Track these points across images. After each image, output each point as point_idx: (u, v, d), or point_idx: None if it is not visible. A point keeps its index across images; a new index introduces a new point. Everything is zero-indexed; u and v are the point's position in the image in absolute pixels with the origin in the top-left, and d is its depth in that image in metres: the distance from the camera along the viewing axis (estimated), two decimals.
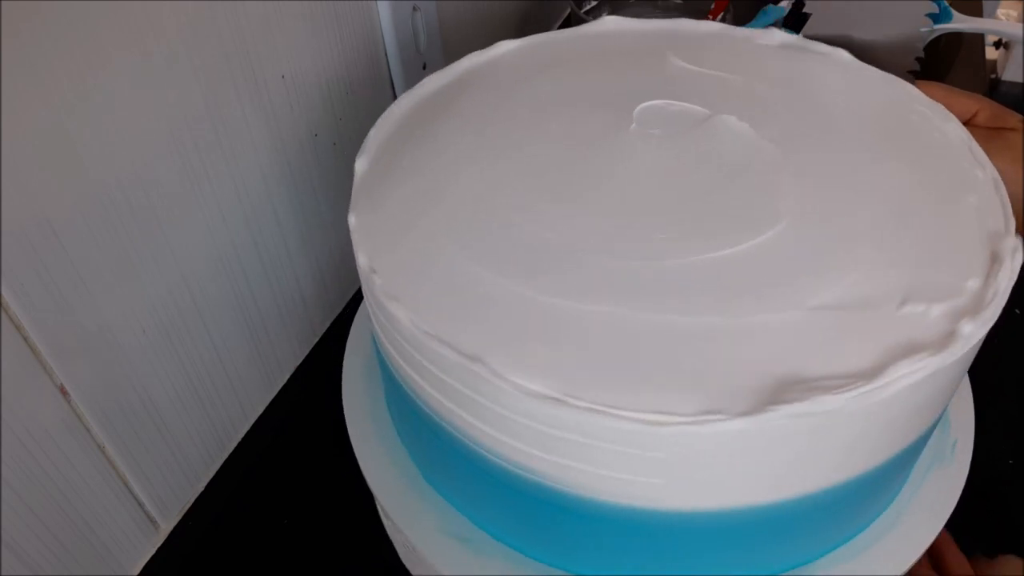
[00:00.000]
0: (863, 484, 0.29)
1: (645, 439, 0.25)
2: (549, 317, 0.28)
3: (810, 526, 0.30)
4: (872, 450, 0.28)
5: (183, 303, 0.39)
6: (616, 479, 0.27)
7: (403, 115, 0.37)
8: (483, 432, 0.28)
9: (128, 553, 0.40)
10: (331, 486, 0.44)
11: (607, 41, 0.41)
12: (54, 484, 0.35)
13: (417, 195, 0.33)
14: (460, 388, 0.28)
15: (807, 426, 0.25)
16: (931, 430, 0.31)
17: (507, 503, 0.31)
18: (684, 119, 0.35)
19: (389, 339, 0.31)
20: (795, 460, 0.27)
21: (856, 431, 0.27)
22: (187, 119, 0.37)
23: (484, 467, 0.30)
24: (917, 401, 0.27)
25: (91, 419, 0.36)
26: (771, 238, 0.30)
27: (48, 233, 0.31)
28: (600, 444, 0.26)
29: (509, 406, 0.26)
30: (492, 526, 0.33)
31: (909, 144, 0.34)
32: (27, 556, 0.34)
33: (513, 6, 0.69)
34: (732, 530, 0.29)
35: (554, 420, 0.26)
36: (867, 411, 0.25)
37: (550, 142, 0.35)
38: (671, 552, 0.30)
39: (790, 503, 0.28)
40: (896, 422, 0.28)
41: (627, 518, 0.28)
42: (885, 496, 0.33)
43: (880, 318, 0.27)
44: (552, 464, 0.28)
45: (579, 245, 0.30)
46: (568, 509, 0.29)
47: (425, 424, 0.31)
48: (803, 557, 0.32)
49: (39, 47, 0.29)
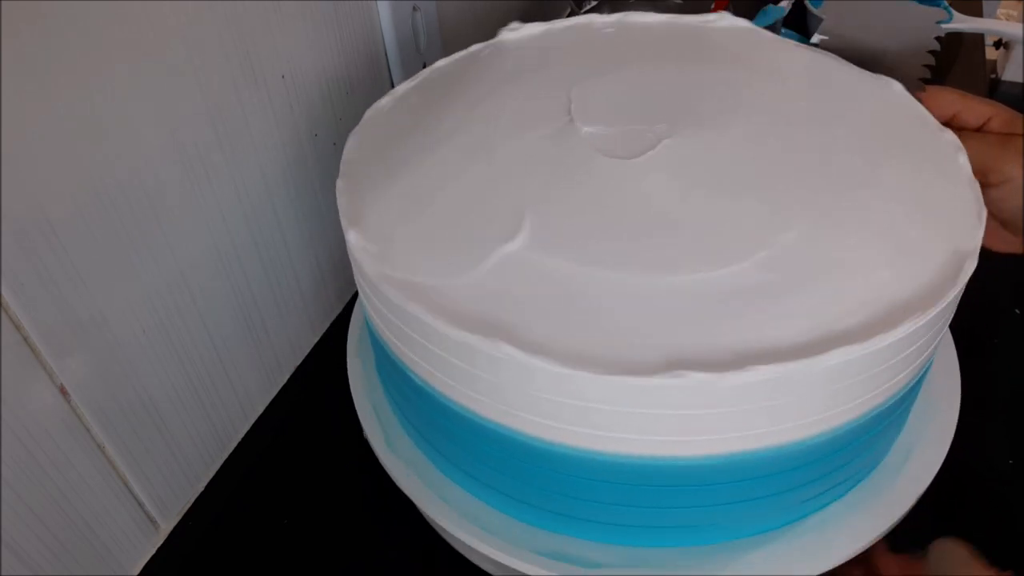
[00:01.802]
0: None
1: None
2: (535, 277, 0.29)
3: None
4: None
5: (183, 303, 0.39)
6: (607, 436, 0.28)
7: (398, 100, 0.39)
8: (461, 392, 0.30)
9: (128, 553, 0.40)
10: (331, 486, 0.44)
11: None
12: (54, 484, 0.35)
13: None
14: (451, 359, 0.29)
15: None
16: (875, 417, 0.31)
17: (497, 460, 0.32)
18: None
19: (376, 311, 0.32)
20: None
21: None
22: (187, 119, 0.37)
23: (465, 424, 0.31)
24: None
25: (91, 419, 0.36)
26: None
27: (48, 232, 0.31)
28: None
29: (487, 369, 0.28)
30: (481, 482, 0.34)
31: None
32: (27, 556, 0.34)
33: (513, 6, 0.69)
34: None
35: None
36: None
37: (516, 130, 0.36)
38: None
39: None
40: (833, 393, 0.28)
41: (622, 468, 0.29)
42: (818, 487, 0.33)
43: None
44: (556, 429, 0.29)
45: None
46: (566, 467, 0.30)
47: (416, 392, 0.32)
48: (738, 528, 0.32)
49: (39, 47, 0.29)
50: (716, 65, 0.39)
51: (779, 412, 0.28)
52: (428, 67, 0.41)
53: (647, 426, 0.27)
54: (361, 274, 0.32)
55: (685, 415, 0.27)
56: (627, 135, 0.35)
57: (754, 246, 0.29)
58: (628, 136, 0.34)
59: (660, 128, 0.35)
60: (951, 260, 0.29)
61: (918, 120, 0.36)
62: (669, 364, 0.26)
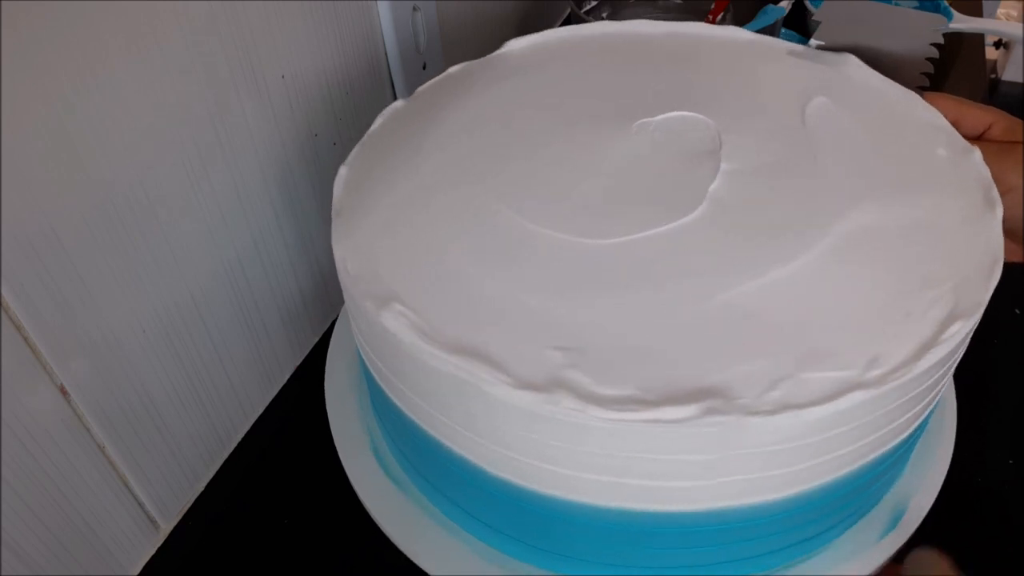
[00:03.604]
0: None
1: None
2: (532, 311, 0.28)
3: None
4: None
5: (183, 303, 0.39)
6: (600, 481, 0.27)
7: (395, 117, 0.38)
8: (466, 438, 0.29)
9: (128, 553, 0.40)
10: (331, 486, 0.44)
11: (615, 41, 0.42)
12: (54, 484, 0.35)
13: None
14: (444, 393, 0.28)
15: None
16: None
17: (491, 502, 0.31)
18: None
19: (371, 345, 0.31)
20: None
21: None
22: (187, 119, 0.37)
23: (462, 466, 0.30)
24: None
25: (91, 419, 0.36)
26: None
27: (48, 233, 0.31)
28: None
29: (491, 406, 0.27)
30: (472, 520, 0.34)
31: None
32: (27, 556, 0.34)
33: (513, 6, 0.69)
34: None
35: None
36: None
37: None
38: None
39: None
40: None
41: (613, 520, 0.28)
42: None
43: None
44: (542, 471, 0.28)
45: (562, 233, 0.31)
46: (555, 512, 0.29)
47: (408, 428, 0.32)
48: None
49: (39, 47, 0.29)
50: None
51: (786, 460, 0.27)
52: (427, 81, 0.41)
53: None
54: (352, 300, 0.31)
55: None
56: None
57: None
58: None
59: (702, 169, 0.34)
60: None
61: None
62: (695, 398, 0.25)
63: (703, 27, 0.42)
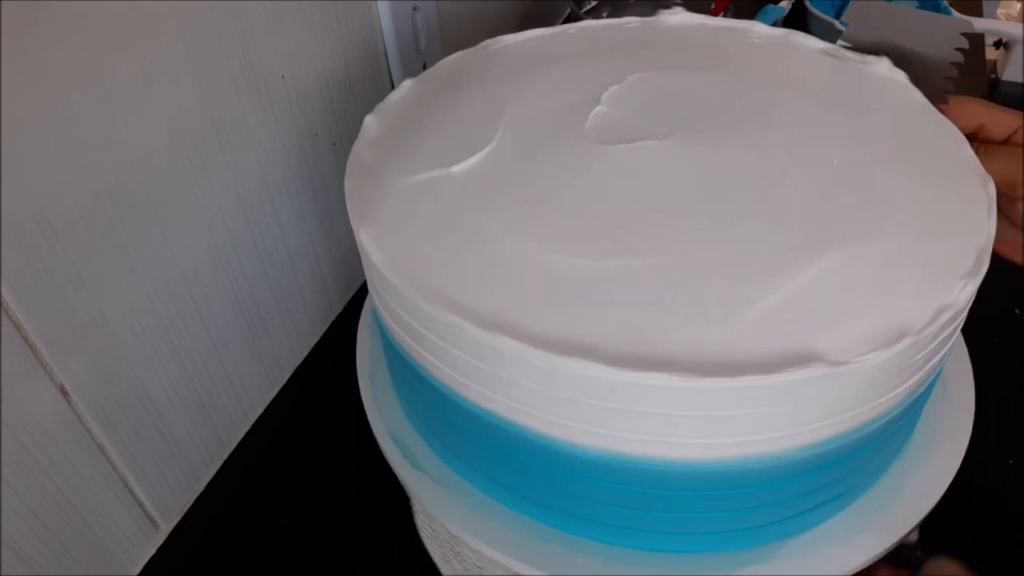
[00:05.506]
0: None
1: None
2: (556, 276, 0.29)
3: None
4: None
5: (183, 303, 0.39)
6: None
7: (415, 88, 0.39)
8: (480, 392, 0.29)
9: (128, 553, 0.40)
10: (331, 486, 0.44)
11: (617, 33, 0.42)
12: (54, 484, 0.35)
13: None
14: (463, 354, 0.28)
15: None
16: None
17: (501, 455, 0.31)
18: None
19: (388, 310, 0.31)
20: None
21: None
22: (187, 119, 0.37)
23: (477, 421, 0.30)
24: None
25: (91, 419, 0.36)
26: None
27: (48, 232, 0.31)
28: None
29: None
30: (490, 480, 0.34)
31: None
32: (27, 556, 0.34)
33: (513, 6, 0.69)
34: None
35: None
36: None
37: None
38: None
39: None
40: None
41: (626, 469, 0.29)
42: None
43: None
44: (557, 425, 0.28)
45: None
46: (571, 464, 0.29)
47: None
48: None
49: (39, 47, 0.29)
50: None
51: (791, 416, 0.27)
52: (433, 64, 0.41)
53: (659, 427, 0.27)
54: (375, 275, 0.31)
55: (696, 416, 0.27)
56: (645, 148, 0.34)
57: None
58: (643, 143, 0.34)
59: (662, 131, 0.35)
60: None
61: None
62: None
63: (758, 26, 0.42)
